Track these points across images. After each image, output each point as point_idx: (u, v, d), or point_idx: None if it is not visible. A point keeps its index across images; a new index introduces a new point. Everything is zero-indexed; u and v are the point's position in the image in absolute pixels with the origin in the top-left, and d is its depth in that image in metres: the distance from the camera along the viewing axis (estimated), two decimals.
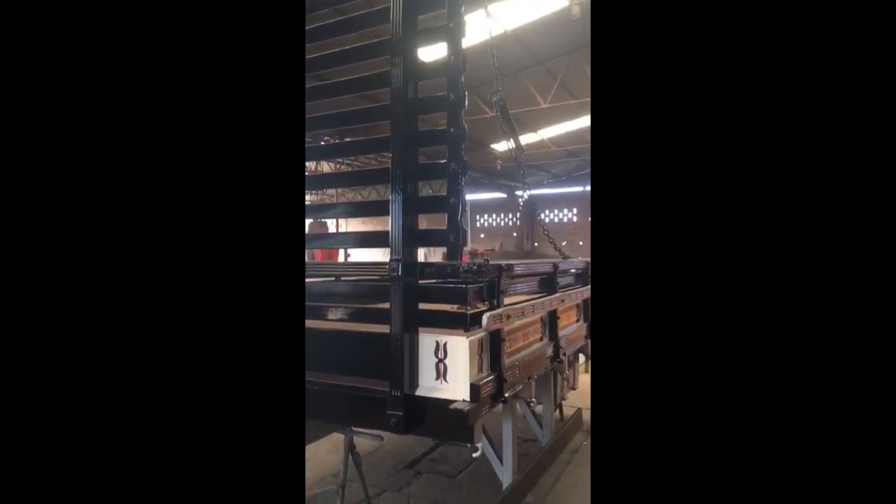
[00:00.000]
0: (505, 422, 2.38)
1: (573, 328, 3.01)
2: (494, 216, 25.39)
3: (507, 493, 2.10)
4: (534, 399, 2.30)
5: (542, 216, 24.10)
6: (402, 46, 1.82)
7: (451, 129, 1.79)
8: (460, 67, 1.78)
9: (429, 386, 1.79)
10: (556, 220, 23.77)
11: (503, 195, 23.78)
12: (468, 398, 1.71)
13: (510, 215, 24.95)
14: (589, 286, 3.29)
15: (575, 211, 23.17)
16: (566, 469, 4.63)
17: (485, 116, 13.18)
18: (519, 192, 23.24)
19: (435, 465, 4.69)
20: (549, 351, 2.53)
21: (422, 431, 1.78)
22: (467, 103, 1.82)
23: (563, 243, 22.16)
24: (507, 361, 1.96)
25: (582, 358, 3.56)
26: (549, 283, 2.62)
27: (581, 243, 21.50)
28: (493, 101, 3.45)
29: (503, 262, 2.02)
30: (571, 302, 2.94)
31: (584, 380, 6.85)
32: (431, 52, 2.12)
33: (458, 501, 3.84)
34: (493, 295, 1.88)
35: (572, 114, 13.86)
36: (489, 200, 24.65)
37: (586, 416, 5.87)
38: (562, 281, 2.85)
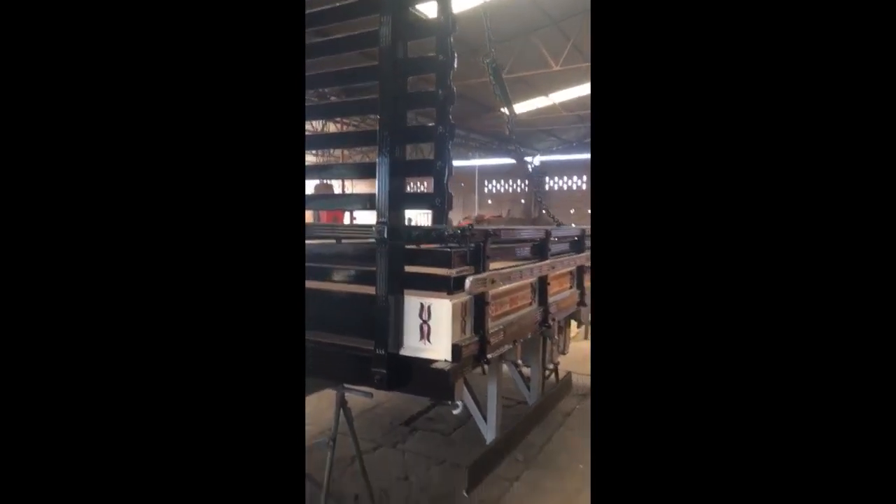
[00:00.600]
0: (490, 383, 2.45)
1: (565, 294, 3.04)
2: (503, 182, 25.16)
3: (488, 450, 2.19)
4: (520, 362, 2.36)
5: (546, 182, 23.83)
6: (391, 4, 1.78)
7: (440, 91, 1.77)
8: (450, 27, 1.74)
9: (413, 346, 1.85)
10: (566, 187, 23.53)
11: (512, 161, 23.48)
12: (450, 358, 1.76)
13: (518, 182, 24.71)
14: (584, 254, 3.30)
15: (584, 178, 22.88)
16: (558, 430, 4.78)
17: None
18: (528, 158, 22.89)
19: (431, 423, 4.86)
20: (538, 316, 2.57)
21: (406, 389, 1.84)
22: (457, 64, 1.79)
23: (571, 211, 21.81)
24: (491, 325, 2.00)
25: (574, 324, 3.61)
26: (540, 250, 2.63)
27: (589, 211, 21.33)
28: (486, 63, 3.36)
29: (490, 228, 2.03)
30: (563, 269, 2.96)
31: (580, 346, 6.91)
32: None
33: (449, 457, 4.00)
34: (478, 259, 1.91)
35: (584, 77, 13.47)
36: (498, 166, 24.37)
37: (581, 380, 6.00)
38: (554, 248, 2.86)
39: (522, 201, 24.29)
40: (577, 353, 7.05)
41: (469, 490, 1.90)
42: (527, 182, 24.27)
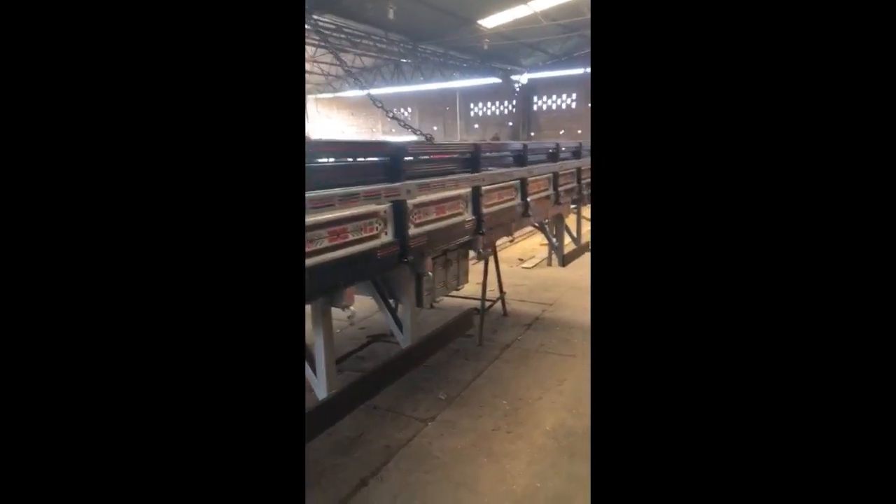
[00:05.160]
0: (315, 334, 2.08)
1: (448, 223, 2.59)
2: (489, 104, 23.80)
3: (313, 411, 1.86)
4: (351, 308, 1.98)
5: (535, 102, 22.54)
6: None
7: None
8: None
9: None
10: (554, 106, 22.25)
11: (498, 80, 22.06)
12: None
13: (506, 103, 23.36)
14: (479, 174, 2.81)
15: (574, 96, 21.54)
16: (491, 364, 4.55)
17: None
18: (515, 77, 21.43)
19: (360, 362, 4.63)
20: (394, 248, 2.15)
21: None
22: None
23: (561, 132, 20.93)
24: None
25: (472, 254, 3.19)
26: (389, 170, 2.15)
27: (580, 131, 20.31)
28: None
29: None
30: (442, 192, 2.49)
31: (535, 273, 6.46)
32: None
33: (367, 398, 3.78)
34: None
35: None
36: (482, 87, 22.91)
37: (530, 308, 5.69)
38: (422, 167, 2.38)
39: (510, 124, 23.14)
40: (531, 280, 6.75)
41: None
42: (514, 103, 22.96)
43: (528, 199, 3.49)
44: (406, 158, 2.20)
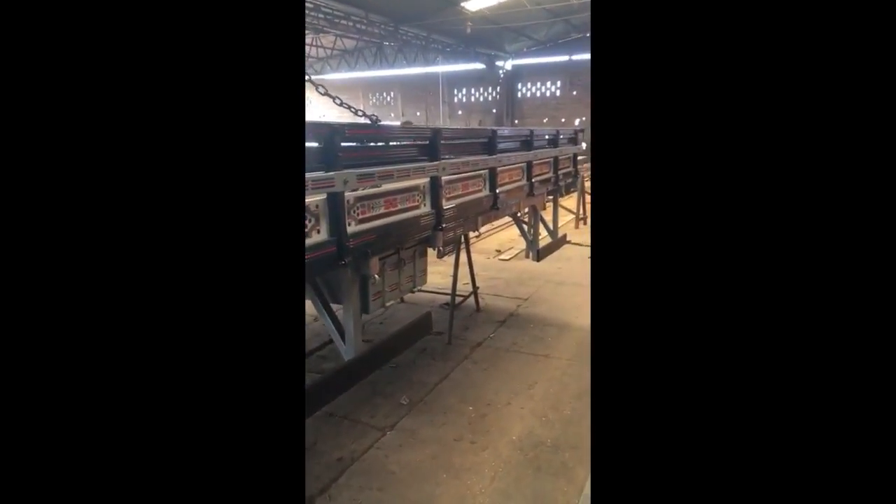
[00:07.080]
0: None
1: (402, 217, 2.30)
2: (473, 91, 23.34)
3: None
4: None
5: (519, 89, 22.14)
6: None
7: None
8: None
9: None
10: (539, 93, 21.91)
11: (482, 66, 21.62)
12: None
13: (490, 89, 22.93)
14: (437, 162, 2.51)
15: (558, 84, 21.23)
16: (459, 364, 4.29)
17: None
18: (499, 63, 20.98)
19: (321, 361, 4.34)
20: (328, 249, 1.86)
21: None
22: None
23: (545, 120, 20.69)
24: None
25: (432, 252, 2.90)
26: (325, 156, 1.84)
27: (563, 120, 20.06)
28: None
29: None
30: (390, 183, 2.18)
31: (516, 266, 6.21)
32: None
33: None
34: None
35: None
36: (466, 73, 22.43)
37: (504, 304, 5.44)
38: (368, 155, 2.07)
39: (494, 111, 22.76)
40: (507, 273, 6.51)
41: None
42: (498, 89, 22.54)
43: (498, 191, 3.21)
44: (342, 143, 1.89)
